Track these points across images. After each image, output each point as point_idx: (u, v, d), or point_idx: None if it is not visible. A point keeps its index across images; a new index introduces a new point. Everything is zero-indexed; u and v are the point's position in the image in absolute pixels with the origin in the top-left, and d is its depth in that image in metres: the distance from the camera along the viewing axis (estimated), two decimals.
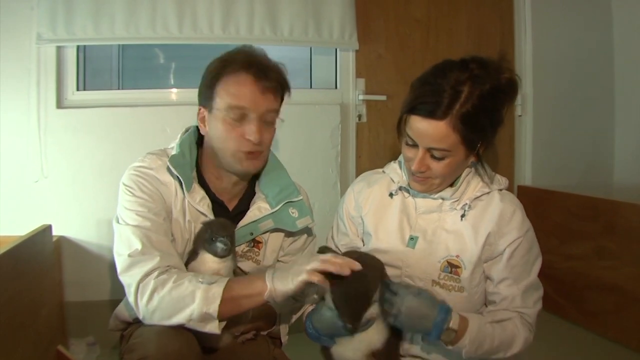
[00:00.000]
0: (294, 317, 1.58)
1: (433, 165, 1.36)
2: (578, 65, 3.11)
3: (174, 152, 1.51)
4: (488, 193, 1.43)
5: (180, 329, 1.30)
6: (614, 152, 3.22)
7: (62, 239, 2.38)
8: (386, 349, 1.34)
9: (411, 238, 1.44)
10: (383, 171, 1.58)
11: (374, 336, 1.33)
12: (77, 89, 2.49)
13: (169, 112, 2.48)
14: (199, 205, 1.48)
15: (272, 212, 1.56)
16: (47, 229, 2.05)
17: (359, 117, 2.80)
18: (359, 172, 2.66)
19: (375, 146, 2.82)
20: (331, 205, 2.60)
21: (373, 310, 1.30)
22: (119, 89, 2.89)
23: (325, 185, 2.69)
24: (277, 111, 1.50)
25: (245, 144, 1.44)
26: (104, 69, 2.88)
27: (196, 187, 1.50)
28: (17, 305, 1.59)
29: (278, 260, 1.65)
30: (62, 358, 1.92)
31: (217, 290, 1.25)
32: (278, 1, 2.56)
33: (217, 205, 1.54)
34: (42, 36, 2.34)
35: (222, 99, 1.44)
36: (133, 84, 3.09)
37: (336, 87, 2.81)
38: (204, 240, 1.39)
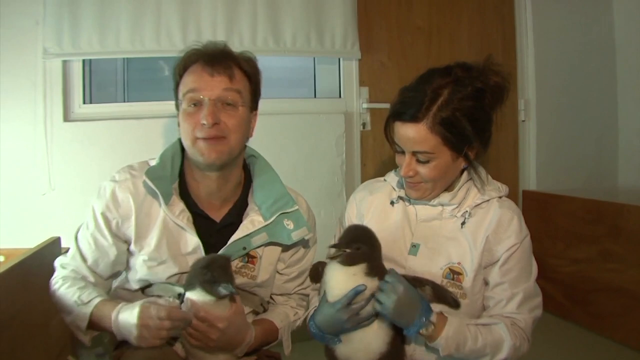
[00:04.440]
0: (299, 321, 1.57)
1: (420, 169, 1.38)
2: (580, 69, 3.13)
3: (154, 162, 1.49)
4: (488, 201, 1.43)
5: (170, 357, 1.32)
6: (618, 155, 3.23)
7: None
8: (391, 353, 1.34)
9: (413, 245, 1.44)
10: (384, 179, 1.59)
11: (377, 334, 1.34)
12: (84, 102, 2.50)
13: (175, 124, 2.47)
14: (178, 218, 1.43)
15: (266, 225, 1.49)
16: (56, 241, 2.06)
17: (363, 125, 2.82)
18: (364, 180, 2.63)
19: (380, 154, 2.83)
20: (337, 214, 2.60)
21: (371, 307, 1.31)
22: (124, 101, 2.91)
23: (330, 194, 2.70)
24: (238, 91, 1.43)
25: (200, 128, 1.40)
26: (110, 82, 2.90)
27: (175, 199, 1.45)
28: (27, 316, 1.60)
29: (278, 273, 1.60)
30: None
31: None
32: (280, 12, 2.58)
33: (201, 218, 1.48)
34: (48, 50, 2.36)
35: (181, 92, 1.45)
36: (138, 97, 3.10)
37: (340, 96, 2.83)
38: (203, 280, 1.33)
